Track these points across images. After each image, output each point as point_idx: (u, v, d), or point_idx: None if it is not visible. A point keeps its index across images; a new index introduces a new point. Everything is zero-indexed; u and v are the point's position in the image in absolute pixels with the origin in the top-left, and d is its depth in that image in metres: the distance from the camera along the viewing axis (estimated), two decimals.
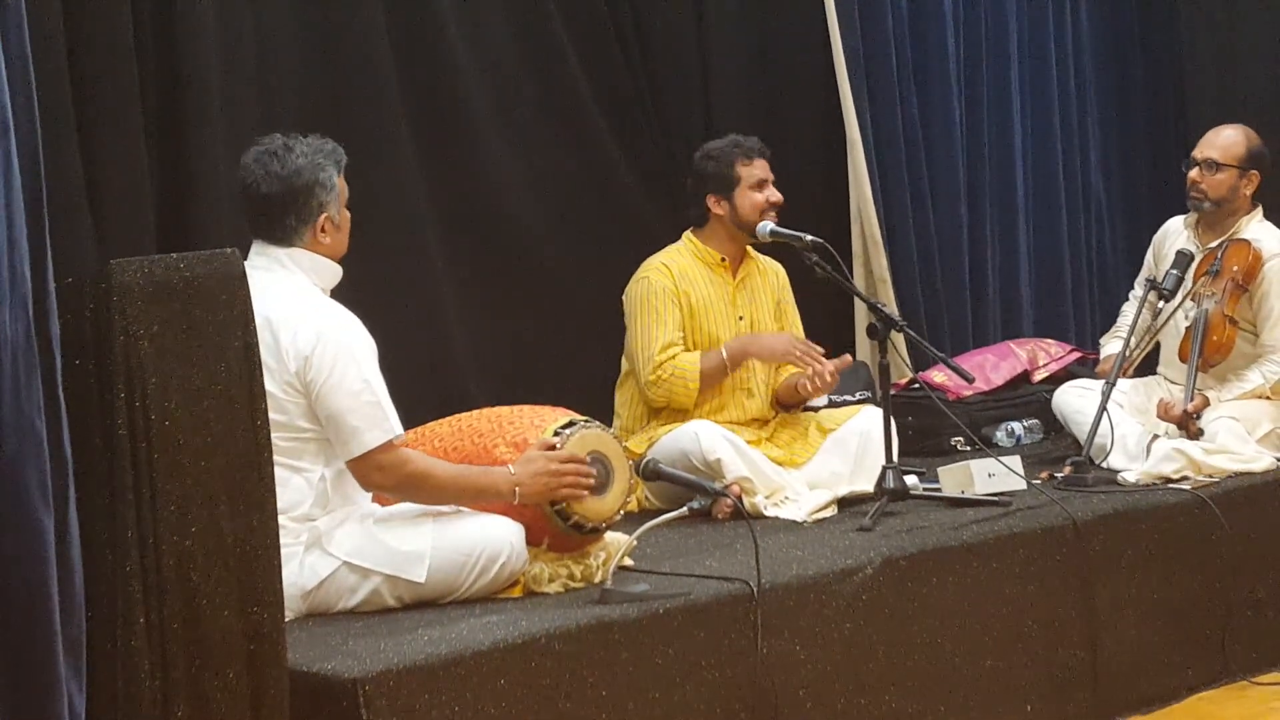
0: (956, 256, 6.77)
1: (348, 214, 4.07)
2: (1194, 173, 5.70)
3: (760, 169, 5.34)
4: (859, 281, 6.31)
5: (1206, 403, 5.42)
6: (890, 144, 6.52)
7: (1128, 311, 5.95)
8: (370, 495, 4.05)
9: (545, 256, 5.86)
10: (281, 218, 3.97)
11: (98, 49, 4.58)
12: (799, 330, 5.51)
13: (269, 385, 3.50)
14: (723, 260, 5.38)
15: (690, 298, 5.30)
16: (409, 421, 4.19)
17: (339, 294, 4.07)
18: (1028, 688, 4.57)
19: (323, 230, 4.00)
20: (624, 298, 5.35)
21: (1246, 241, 5.60)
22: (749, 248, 5.45)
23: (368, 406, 3.85)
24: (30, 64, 3.06)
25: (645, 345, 5.24)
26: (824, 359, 5.20)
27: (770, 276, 5.50)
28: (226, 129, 4.85)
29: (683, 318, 5.28)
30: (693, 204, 5.39)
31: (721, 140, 5.41)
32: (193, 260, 3.27)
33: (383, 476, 3.89)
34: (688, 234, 5.42)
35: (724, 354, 5.24)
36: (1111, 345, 5.84)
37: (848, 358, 5.29)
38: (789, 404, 5.42)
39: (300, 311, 3.88)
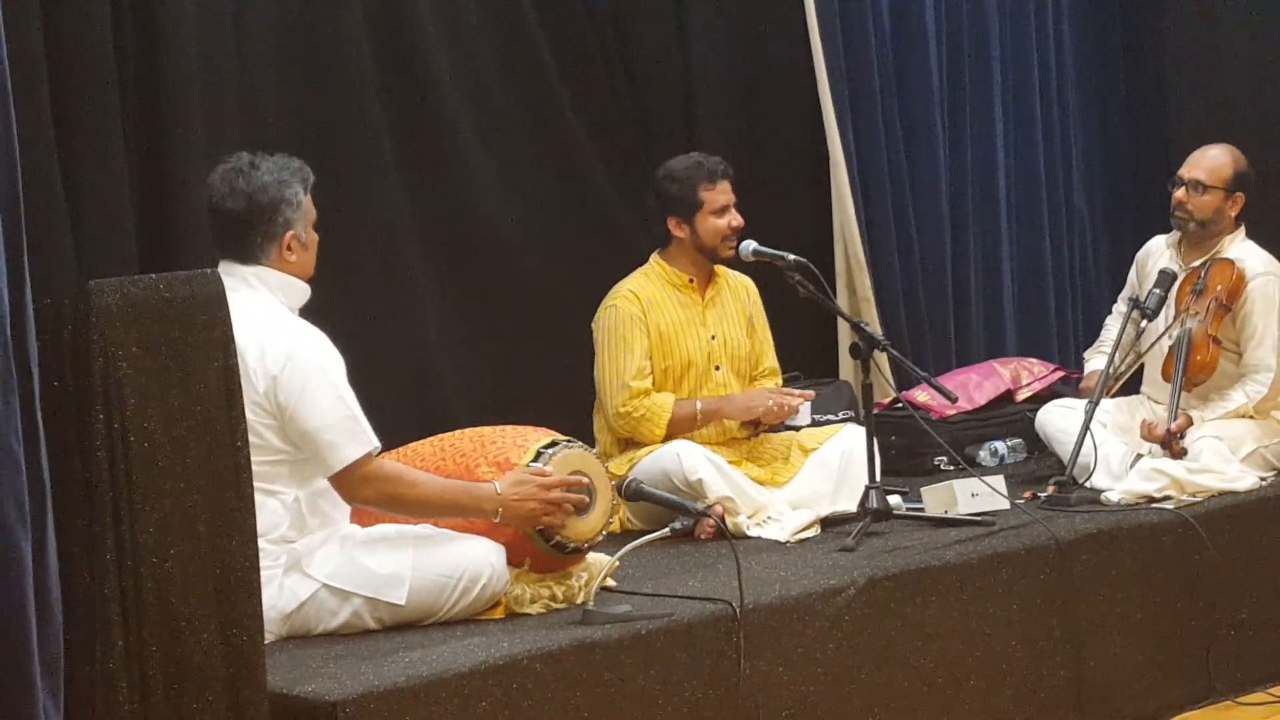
0: (940, 276, 6.77)
1: (315, 235, 4.05)
2: (1180, 193, 5.68)
3: (723, 193, 5.28)
4: (842, 302, 6.30)
5: (1190, 422, 5.42)
6: (873, 164, 6.53)
7: (1111, 325, 5.94)
8: (349, 516, 4.03)
9: (529, 277, 5.85)
10: (247, 235, 3.96)
11: (77, 67, 4.58)
12: (770, 344, 5.49)
13: None
14: (690, 281, 5.37)
15: (660, 324, 5.28)
16: (391, 441, 4.18)
17: (319, 314, 4.06)
18: (1012, 708, 4.56)
19: (289, 248, 3.98)
20: (593, 325, 5.32)
21: (1230, 261, 5.59)
22: (717, 265, 5.43)
23: (344, 421, 3.83)
24: (9, 82, 3.05)
25: (614, 375, 5.22)
26: (793, 400, 5.21)
27: (740, 292, 5.48)
28: (208, 148, 4.83)
29: (651, 345, 5.26)
30: (656, 223, 5.38)
31: (684, 160, 5.34)
32: (172, 281, 3.27)
33: (366, 489, 3.88)
34: (655, 256, 5.40)
35: (698, 408, 5.23)
36: (1096, 360, 5.83)
37: (811, 393, 5.31)
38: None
39: (267, 332, 3.86)
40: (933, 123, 6.72)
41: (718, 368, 5.35)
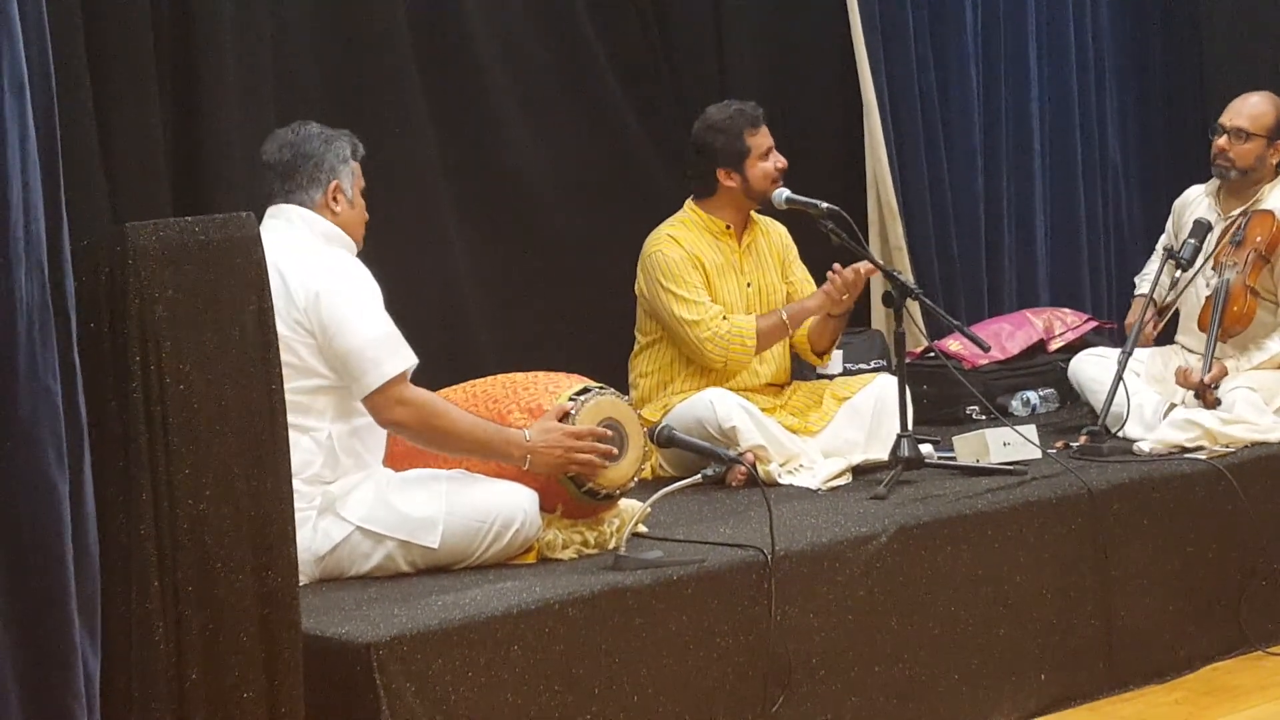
0: (973, 225, 6.74)
1: (362, 201, 4.12)
2: (1221, 140, 5.64)
3: (765, 136, 5.28)
4: (875, 250, 6.28)
5: (1224, 372, 5.40)
6: (907, 111, 6.49)
7: (1150, 266, 5.89)
8: (382, 458, 4.05)
9: (560, 224, 5.85)
10: (292, 176, 4.05)
11: (113, 10, 4.58)
12: (810, 284, 5.45)
13: (278, 328, 3.41)
14: (728, 228, 5.35)
15: (703, 265, 5.27)
16: (422, 387, 4.19)
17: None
18: (1042, 657, 4.57)
19: (334, 199, 4.03)
20: (640, 275, 5.27)
21: (1270, 212, 5.55)
22: (752, 212, 5.41)
23: (386, 338, 3.89)
24: (46, 24, 3.06)
25: (689, 309, 5.16)
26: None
27: (774, 237, 5.46)
28: (241, 92, 4.85)
29: (702, 281, 5.25)
30: (699, 177, 5.35)
31: (723, 109, 5.32)
32: (208, 224, 3.27)
33: (403, 410, 3.90)
34: (690, 203, 5.38)
35: (783, 315, 5.22)
36: (1142, 286, 5.81)
37: (866, 264, 5.15)
38: (826, 338, 5.35)
39: (309, 252, 3.96)
40: (967, 70, 6.68)
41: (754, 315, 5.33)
